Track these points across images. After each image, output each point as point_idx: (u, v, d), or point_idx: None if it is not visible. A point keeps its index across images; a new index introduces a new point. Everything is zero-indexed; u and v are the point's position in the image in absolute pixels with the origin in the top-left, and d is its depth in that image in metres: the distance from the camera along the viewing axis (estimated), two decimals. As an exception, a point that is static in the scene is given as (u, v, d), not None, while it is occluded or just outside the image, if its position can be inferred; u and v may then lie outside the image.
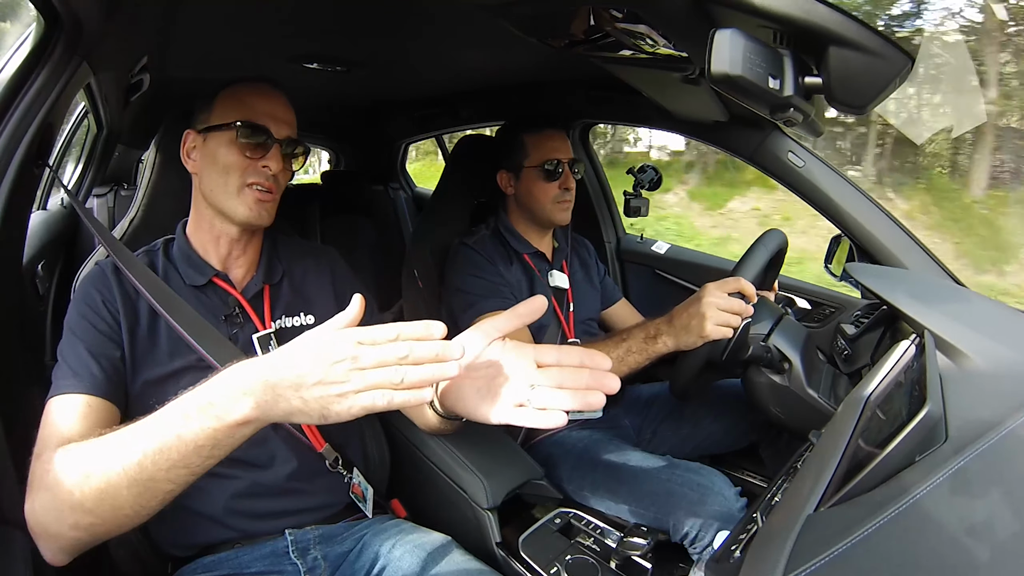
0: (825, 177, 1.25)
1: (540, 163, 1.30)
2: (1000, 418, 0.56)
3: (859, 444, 0.56)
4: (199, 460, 0.57)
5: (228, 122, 0.85)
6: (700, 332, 0.95)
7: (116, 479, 0.57)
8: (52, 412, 0.71)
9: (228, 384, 0.56)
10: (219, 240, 0.89)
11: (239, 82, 0.89)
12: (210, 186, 0.86)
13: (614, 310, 1.52)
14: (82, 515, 0.59)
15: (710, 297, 0.96)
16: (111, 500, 0.58)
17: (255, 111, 0.86)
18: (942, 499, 0.47)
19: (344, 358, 0.53)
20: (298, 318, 0.92)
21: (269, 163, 0.85)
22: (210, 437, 0.56)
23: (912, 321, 0.84)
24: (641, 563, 0.90)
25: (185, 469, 0.57)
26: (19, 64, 0.80)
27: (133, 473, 0.57)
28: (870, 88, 0.66)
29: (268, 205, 0.87)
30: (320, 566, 0.83)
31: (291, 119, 0.89)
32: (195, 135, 0.88)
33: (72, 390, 0.73)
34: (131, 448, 0.57)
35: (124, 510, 0.59)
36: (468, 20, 1.06)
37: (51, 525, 0.61)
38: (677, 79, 1.03)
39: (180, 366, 0.81)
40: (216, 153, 0.85)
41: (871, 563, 0.42)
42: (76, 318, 0.79)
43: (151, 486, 0.57)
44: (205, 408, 0.56)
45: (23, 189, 0.83)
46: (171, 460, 0.56)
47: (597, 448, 1.21)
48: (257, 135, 0.85)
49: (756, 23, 0.64)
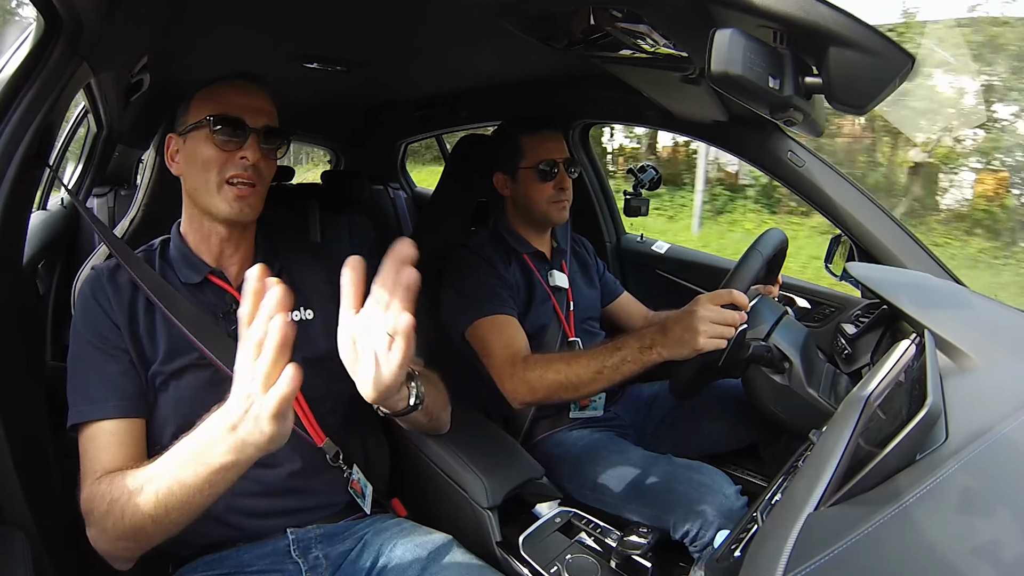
0: (825, 177, 1.25)
1: (535, 164, 1.29)
2: (1000, 417, 0.56)
3: (859, 444, 0.57)
4: (202, 499, 0.63)
5: (201, 118, 0.85)
6: (693, 346, 0.95)
7: (142, 519, 0.65)
8: (85, 442, 0.77)
9: (210, 425, 0.61)
10: (210, 238, 0.89)
11: (215, 81, 0.89)
12: (193, 185, 0.87)
13: (619, 304, 1.52)
14: (126, 542, 0.69)
15: (703, 311, 0.95)
16: (142, 531, 0.66)
17: (228, 104, 0.85)
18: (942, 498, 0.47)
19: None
20: (297, 312, 0.92)
21: (246, 153, 0.84)
22: (204, 479, 0.61)
23: (912, 320, 0.84)
24: (641, 562, 0.89)
25: (190, 507, 0.64)
26: (19, 64, 0.80)
27: (150, 511, 0.64)
28: (870, 88, 0.65)
29: (250, 200, 0.86)
30: (321, 565, 0.83)
31: (269, 108, 0.88)
32: (176, 138, 0.89)
33: (95, 416, 0.77)
34: (148, 493, 0.64)
35: (169, 530, 0.67)
36: (468, 20, 1.06)
37: (108, 551, 0.71)
38: (677, 79, 1.03)
39: (181, 364, 0.81)
40: (195, 151, 0.85)
41: (871, 563, 0.42)
42: (84, 337, 0.81)
43: (169, 522, 0.65)
44: (201, 455, 0.61)
45: (23, 189, 0.83)
46: (180, 500, 0.63)
47: (598, 447, 1.21)
48: (231, 126, 0.84)
49: (756, 23, 0.64)
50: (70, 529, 0.92)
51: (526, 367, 1.11)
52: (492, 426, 1.14)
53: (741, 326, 0.96)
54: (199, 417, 0.80)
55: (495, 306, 1.21)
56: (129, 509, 0.65)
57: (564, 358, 1.10)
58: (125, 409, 0.79)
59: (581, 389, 1.07)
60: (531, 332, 1.27)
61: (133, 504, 0.65)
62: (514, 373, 1.12)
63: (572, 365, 1.07)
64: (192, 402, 0.81)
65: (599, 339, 1.41)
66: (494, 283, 1.24)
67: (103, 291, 0.83)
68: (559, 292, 1.35)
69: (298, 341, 0.89)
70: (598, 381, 1.05)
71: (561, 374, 1.07)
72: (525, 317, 1.28)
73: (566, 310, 1.34)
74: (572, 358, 1.08)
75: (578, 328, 1.35)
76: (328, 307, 0.95)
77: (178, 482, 0.62)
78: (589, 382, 1.05)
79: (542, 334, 1.29)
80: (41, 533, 0.80)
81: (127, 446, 0.78)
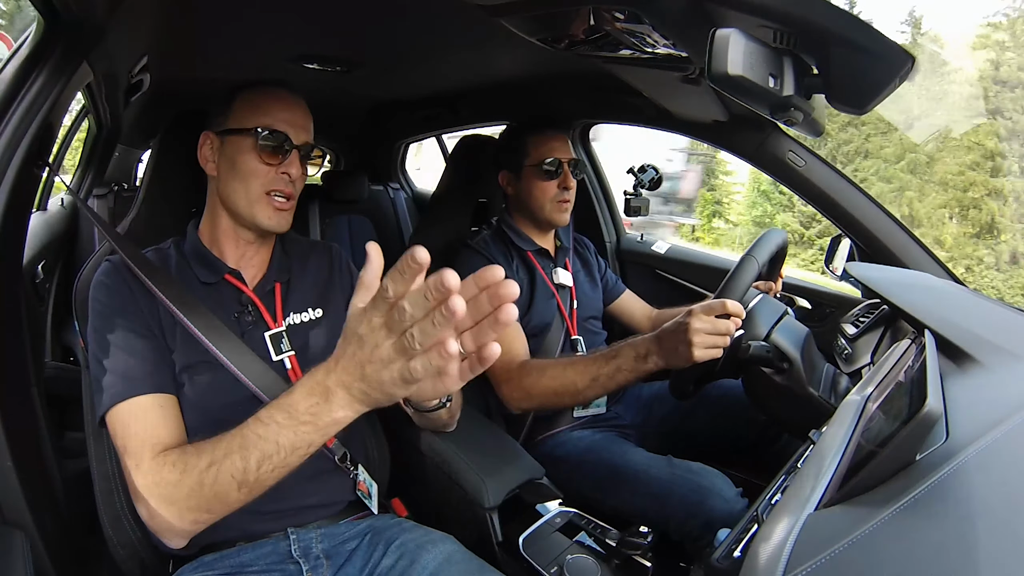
0: (825, 177, 1.25)
1: (539, 162, 1.30)
2: (1001, 417, 0.56)
3: (859, 443, 0.56)
4: (297, 459, 0.63)
5: (247, 127, 0.85)
6: (687, 357, 0.95)
7: (227, 486, 0.65)
8: (129, 419, 0.74)
9: (310, 389, 0.58)
10: (237, 242, 0.90)
11: (257, 86, 0.88)
12: (229, 191, 0.87)
13: (621, 303, 1.52)
14: (200, 514, 0.68)
15: (696, 323, 0.95)
16: (224, 500, 0.66)
17: (275, 117, 0.86)
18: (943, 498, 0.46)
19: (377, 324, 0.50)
20: (307, 313, 0.92)
21: (289, 170, 0.86)
22: (305, 441, 0.61)
23: (913, 320, 0.84)
24: (641, 562, 0.89)
25: (285, 468, 0.64)
26: (19, 64, 0.80)
27: (240, 478, 0.64)
28: (870, 88, 0.66)
29: (286, 213, 0.88)
30: (322, 565, 0.83)
31: (309, 125, 0.90)
32: (213, 137, 0.88)
33: (137, 392, 0.75)
34: (235, 461, 0.64)
35: (238, 503, 0.67)
36: (468, 20, 1.06)
37: (174, 524, 0.69)
38: (677, 79, 1.04)
39: (195, 360, 0.81)
40: (235, 159, 0.85)
41: (871, 563, 0.42)
42: (110, 321, 0.79)
43: (258, 485, 0.65)
44: (298, 415, 0.59)
45: (23, 189, 0.83)
46: (273, 464, 0.63)
47: (598, 447, 1.22)
48: (277, 142, 0.85)
49: (756, 23, 0.64)
50: (70, 529, 0.93)
51: (522, 373, 1.12)
52: (493, 426, 1.14)
53: (737, 332, 0.97)
54: (213, 417, 0.79)
55: None
56: (211, 476, 0.65)
57: (560, 364, 1.11)
58: (165, 385, 0.78)
59: (576, 396, 1.08)
60: (534, 329, 1.27)
61: (216, 471, 0.64)
62: (511, 379, 1.13)
63: (568, 372, 1.08)
64: (204, 400, 0.80)
65: (601, 339, 1.42)
66: None
67: (122, 279, 0.82)
68: (563, 290, 1.35)
69: (310, 341, 0.90)
70: (593, 388, 1.06)
71: (556, 381, 1.08)
72: (528, 314, 1.28)
73: (569, 308, 1.34)
74: (568, 365, 1.09)
75: (580, 327, 1.35)
76: (333, 303, 0.95)
77: (277, 446, 0.61)
78: (584, 389, 1.06)
79: (545, 331, 1.29)
80: (41, 533, 0.80)
81: (176, 420, 0.77)
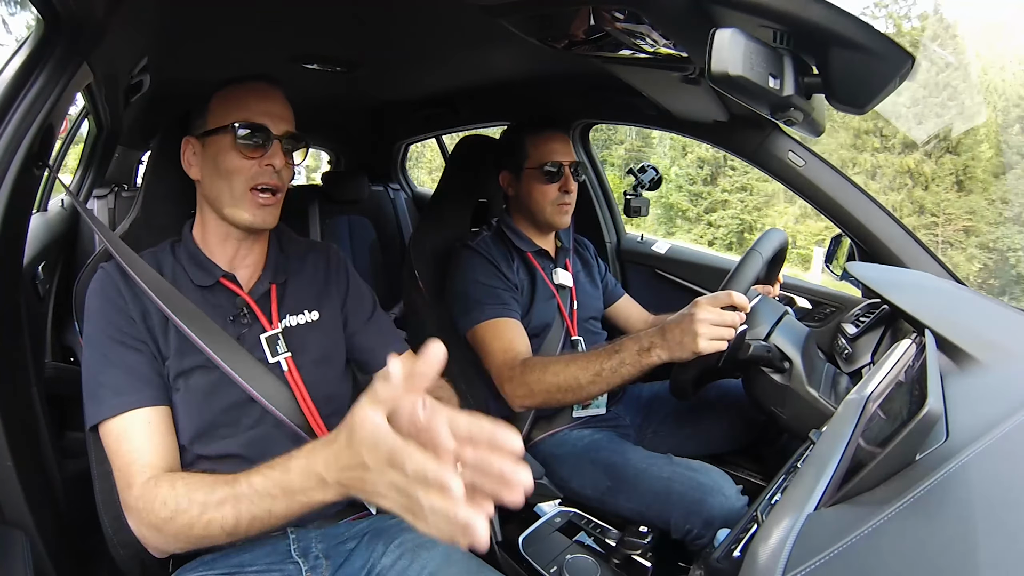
0: (826, 176, 1.25)
1: (540, 164, 1.29)
2: (1001, 417, 0.56)
3: (859, 443, 0.57)
4: (286, 520, 0.64)
5: (225, 124, 0.84)
6: (693, 348, 0.94)
7: (216, 534, 0.66)
8: (120, 437, 0.75)
9: (308, 475, 0.60)
10: (226, 243, 0.89)
11: (233, 83, 0.87)
12: (214, 192, 0.85)
13: (619, 307, 1.52)
14: (186, 546, 0.70)
15: (702, 314, 0.94)
16: (211, 541, 0.68)
17: (252, 110, 0.84)
18: (943, 498, 0.46)
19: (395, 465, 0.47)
20: (303, 315, 0.91)
21: (272, 161, 0.84)
22: (297, 509, 0.62)
23: (913, 320, 0.84)
24: (641, 562, 0.90)
25: (274, 526, 0.65)
26: (19, 64, 0.80)
27: (230, 531, 0.66)
28: (870, 87, 0.66)
29: (271, 208, 0.87)
30: (322, 565, 0.83)
31: (288, 114, 0.88)
32: (194, 141, 0.87)
33: (125, 408, 0.75)
34: (227, 514, 0.65)
35: (225, 543, 0.69)
36: (468, 20, 1.06)
37: (160, 547, 0.72)
38: (677, 79, 1.04)
39: (190, 364, 0.81)
40: (217, 158, 0.84)
41: (871, 563, 0.42)
42: (101, 333, 0.79)
43: (246, 536, 0.66)
44: (293, 493, 0.61)
45: (23, 190, 0.83)
46: (263, 523, 0.65)
47: (598, 447, 1.21)
48: (256, 134, 0.84)
49: (756, 23, 0.64)
50: (70, 529, 0.93)
51: (524, 370, 1.11)
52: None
53: (741, 327, 0.96)
54: (209, 420, 0.80)
55: (496, 309, 1.21)
56: (201, 522, 0.66)
57: (562, 360, 1.10)
58: (156, 398, 0.78)
59: (579, 392, 1.07)
60: (534, 330, 1.27)
61: (207, 519, 0.66)
62: (513, 376, 1.13)
63: (570, 367, 1.07)
64: (201, 404, 0.80)
65: (601, 339, 1.41)
66: (496, 284, 1.24)
67: (115, 287, 0.82)
68: (563, 290, 1.35)
69: (307, 343, 0.89)
70: (596, 384, 1.05)
71: (559, 376, 1.07)
72: (529, 315, 1.28)
73: (569, 308, 1.34)
74: (570, 360, 1.08)
75: (580, 327, 1.35)
76: (331, 305, 0.95)
77: (269, 512, 0.63)
78: (587, 384, 1.05)
79: (545, 332, 1.29)
80: (41, 533, 0.80)
81: (165, 436, 0.77)
